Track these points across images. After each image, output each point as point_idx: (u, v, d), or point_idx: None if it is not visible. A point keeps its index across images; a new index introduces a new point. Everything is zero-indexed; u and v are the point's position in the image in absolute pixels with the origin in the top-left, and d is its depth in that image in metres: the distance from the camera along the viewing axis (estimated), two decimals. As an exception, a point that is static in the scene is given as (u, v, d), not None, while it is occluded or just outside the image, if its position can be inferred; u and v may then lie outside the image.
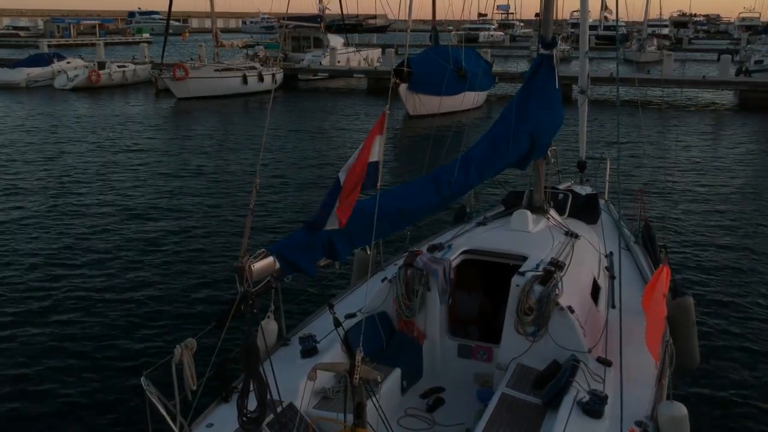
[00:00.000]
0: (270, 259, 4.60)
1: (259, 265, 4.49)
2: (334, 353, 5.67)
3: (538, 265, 6.12)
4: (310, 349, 5.75)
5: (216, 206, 15.64)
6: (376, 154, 4.38)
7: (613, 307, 6.57)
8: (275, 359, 5.73)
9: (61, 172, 18.96)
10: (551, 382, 5.27)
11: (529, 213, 7.33)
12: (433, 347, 6.31)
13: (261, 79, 37.22)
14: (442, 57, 28.98)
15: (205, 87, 35.06)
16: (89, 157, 21.00)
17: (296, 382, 5.28)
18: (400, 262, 7.74)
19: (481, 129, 27.21)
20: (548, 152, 8.04)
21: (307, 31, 46.93)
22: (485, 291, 7.15)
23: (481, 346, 6.29)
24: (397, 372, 5.79)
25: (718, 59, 40.93)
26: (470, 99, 29.92)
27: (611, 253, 7.71)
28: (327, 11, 49.41)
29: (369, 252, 7.05)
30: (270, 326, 5.99)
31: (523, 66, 57.12)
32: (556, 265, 6.11)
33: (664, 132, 25.98)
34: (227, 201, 16.06)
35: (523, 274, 5.95)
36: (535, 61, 7.70)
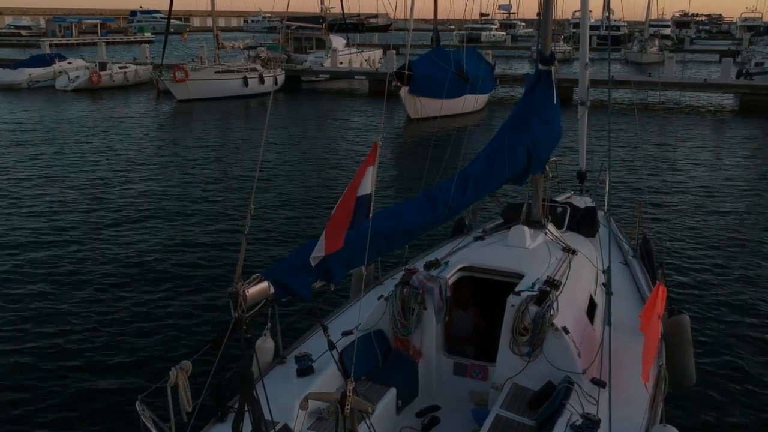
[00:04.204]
0: (264, 283, 4.62)
1: (253, 290, 4.51)
2: (329, 373, 5.69)
3: (533, 284, 6.12)
4: (305, 369, 5.76)
5: (213, 218, 15.24)
6: (368, 186, 4.38)
7: (609, 324, 6.58)
8: (271, 378, 5.76)
9: (58, 179, 18.69)
10: (545, 404, 5.28)
11: (526, 229, 7.33)
12: (428, 365, 6.32)
13: (262, 80, 37.21)
14: (444, 60, 29.03)
15: (206, 89, 35.06)
16: (86, 164, 20.75)
17: (291, 402, 5.29)
18: (398, 276, 7.77)
19: (482, 132, 27.21)
20: (546, 166, 8.05)
21: (309, 32, 46.94)
22: (482, 308, 7.16)
23: (476, 365, 6.30)
24: (392, 392, 5.80)
25: (720, 60, 40.88)
26: (471, 102, 29.93)
27: (609, 268, 7.72)
28: (329, 13, 49.44)
29: (364, 271, 7.06)
30: (266, 345, 6.00)
31: (524, 67, 57.10)
32: (552, 284, 6.12)
33: (664, 138, 25.85)
34: (225, 214, 15.67)
35: (518, 293, 5.96)
36: (533, 75, 7.70)
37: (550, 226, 7.89)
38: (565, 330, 5.69)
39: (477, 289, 7.08)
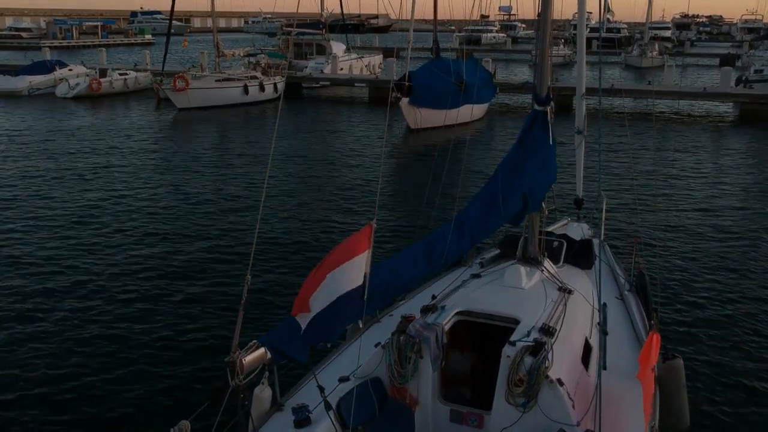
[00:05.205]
0: (261, 350, 4.70)
1: (250, 358, 4.59)
2: (326, 425, 5.74)
3: (529, 332, 6.18)
4: (302, 420, 5.82)
5: (214, 252, 14.08)
6: (361, 275, 4.45)
7: (604, 368, 6.64)
8: (269, 427, 5.83)
9: (50, 200, 17.89)
10: (540, 460, 5.34)
11: (522, 269, 7.38)
12: (425, 413, 6.37)
13: (262, 88, 37.24)
14: (443, 70, 29.11)
15: (206, 97, 35.05)
16: (81, 183, 20.01)
17: None
18: (395, 312, 7.83)
19: (482, 141, 27.29)
20: (543, 204, 8.10)
21: (310, 37, 46.94)
22: (477, 350, 7.21)
23: (472, 413, 6.35)
24: (389, 443, 5.86)
25: (720, 66, 40.92)
26: (471, 112, 30.00)
27: (605, 305, 7.76)
28: (331, 15, 49.46)
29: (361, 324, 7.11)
30: (264, 393, 6.05)
31: (524, 72, 57.13)
32: (547, 332, 6.18)
33: (662, 153, 25.53)
34: (226, 244, 14.61)
35: (513, 344, 6.01)
36: (529, 117, 7.75)
37: (547, 263, 7.94)
38: (560, 382, 5.75)
39: (473, 331, 7.13)
